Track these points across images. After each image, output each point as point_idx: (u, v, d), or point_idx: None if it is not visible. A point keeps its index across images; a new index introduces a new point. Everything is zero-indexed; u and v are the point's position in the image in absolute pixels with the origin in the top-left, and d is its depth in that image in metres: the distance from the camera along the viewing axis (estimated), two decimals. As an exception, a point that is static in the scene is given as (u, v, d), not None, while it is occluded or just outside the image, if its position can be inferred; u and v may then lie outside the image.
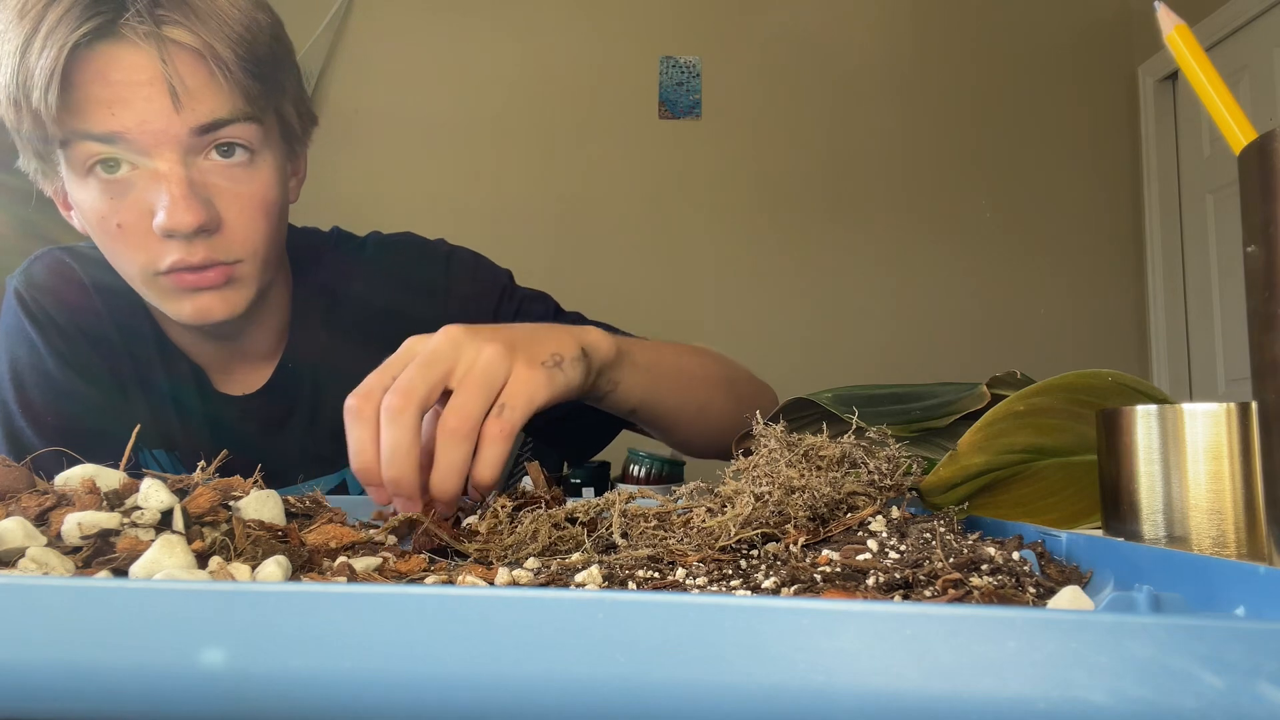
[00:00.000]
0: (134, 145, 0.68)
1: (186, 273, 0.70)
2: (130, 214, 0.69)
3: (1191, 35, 0.40)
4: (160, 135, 0.67)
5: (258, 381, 0.84)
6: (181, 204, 0.67)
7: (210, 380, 0.83)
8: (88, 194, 0.70)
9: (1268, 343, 0.35)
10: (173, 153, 0.68)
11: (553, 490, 0.51)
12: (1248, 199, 0.36)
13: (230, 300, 0.73)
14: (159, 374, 0.81)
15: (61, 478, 0.39)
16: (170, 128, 0.68)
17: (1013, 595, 0.32)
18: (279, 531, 0.38)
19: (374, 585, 0.23)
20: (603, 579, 0.35)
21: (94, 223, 0.71)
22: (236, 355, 0.83)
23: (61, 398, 0.78)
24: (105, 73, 0.67)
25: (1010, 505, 0.54)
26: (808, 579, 0.33)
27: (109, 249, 0.72)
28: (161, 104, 0.67)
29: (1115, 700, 0.20)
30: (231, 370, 0.83)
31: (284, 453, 0.83)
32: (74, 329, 0.79)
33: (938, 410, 0.62)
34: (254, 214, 0.72)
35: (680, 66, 3.29)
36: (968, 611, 0.21)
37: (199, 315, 0.72)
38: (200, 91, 0.68)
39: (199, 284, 0.71)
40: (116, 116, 0.67)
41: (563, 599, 0.22)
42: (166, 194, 0.67)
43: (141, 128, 0.67)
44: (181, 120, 0.68)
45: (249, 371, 0.84)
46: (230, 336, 0.81)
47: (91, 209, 0.70)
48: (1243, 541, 0.44)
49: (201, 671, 0.22)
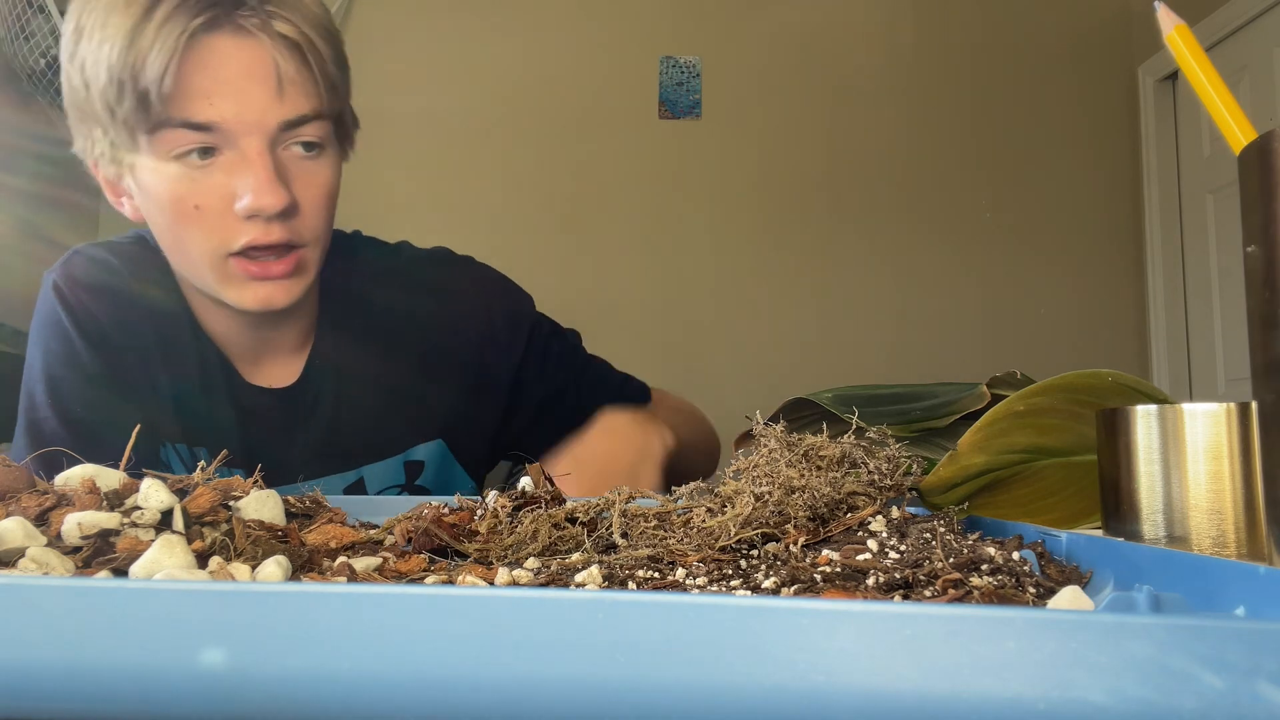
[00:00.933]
0: (226, 133, 0.71)
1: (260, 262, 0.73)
2: (211, 197, 0.72)
3: (1191, 35, 0.40)
4: (253, 125, 0.71)
5: (287, 376, 0.85)
6: (268, 187, 0.71)
7: (239, 374, 0.84)
8: (164, 177, 0.72)
9: (1268, 343, 0.35)
10: (260, 140, 0.71)
11: (553, 490, 0.51)
12: (1248, 199, 0.36)
13: (291, 289, 0.76)
14: (191, 367, 0.82)
15: (61, 478, 0.39)
16: (263, 119, 0.71)
17: (1013, 595, 0.32)
18: (279, 531, 0.38)
19: (374, 585, 0.23)
20: (603, 579, 0.35)
21: (168, 205, 0.73)
22: (268, 347, 0.84)
23: (92, 390, 0.79)
24: (210, 63, 0.70)
25: (1010, 505, 0.54)
26: (808, 579, 0.33)
27: (178, 232, 0.74)
28: (260, 96, 0.71)
29: (1115, 700, 0.20)
30: (261, 363, 0.85)
31: (305, 448, 0.85)
32: (111, 322, 0.81)
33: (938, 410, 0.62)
34: (321, 204, 0.76)
35: (680, 66, 3.29)
36: (968, 611, 0.21)
37: (262, 302, 0.75)
38: (294, 86, 0.72)
39: (266, 274, 0.74)
40: (215, 106, 0.70)
41: (563, 599, 0.22)
42: (253, 177, 0.71)
43: (238, 118, 0.70)
44: (274, 112, 0.71)
45: (277, 365, 0.85)
46: (272, 326, 0.82)
47: (167, 191, 0.72)
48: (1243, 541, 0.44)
49: (201, 671, 0.22)
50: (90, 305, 0.80)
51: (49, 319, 0.81)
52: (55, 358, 0.80)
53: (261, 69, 0.71)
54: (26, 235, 2.71)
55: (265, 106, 0.71)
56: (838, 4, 3.31)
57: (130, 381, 0.80)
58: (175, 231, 0.74)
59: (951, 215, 3.27)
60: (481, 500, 0.47)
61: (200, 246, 0.74)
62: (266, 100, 0.71)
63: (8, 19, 2.51)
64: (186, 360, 0.82)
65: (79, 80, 0.72)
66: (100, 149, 0.74)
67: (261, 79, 0.71)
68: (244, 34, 0.71)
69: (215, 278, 0.75)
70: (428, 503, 0.45)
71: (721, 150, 3.27)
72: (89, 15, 0.71)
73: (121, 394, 0.80)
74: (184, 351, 0.82)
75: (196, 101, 0.70)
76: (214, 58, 0.70)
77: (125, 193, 0.78)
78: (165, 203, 0.73)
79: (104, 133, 0.73)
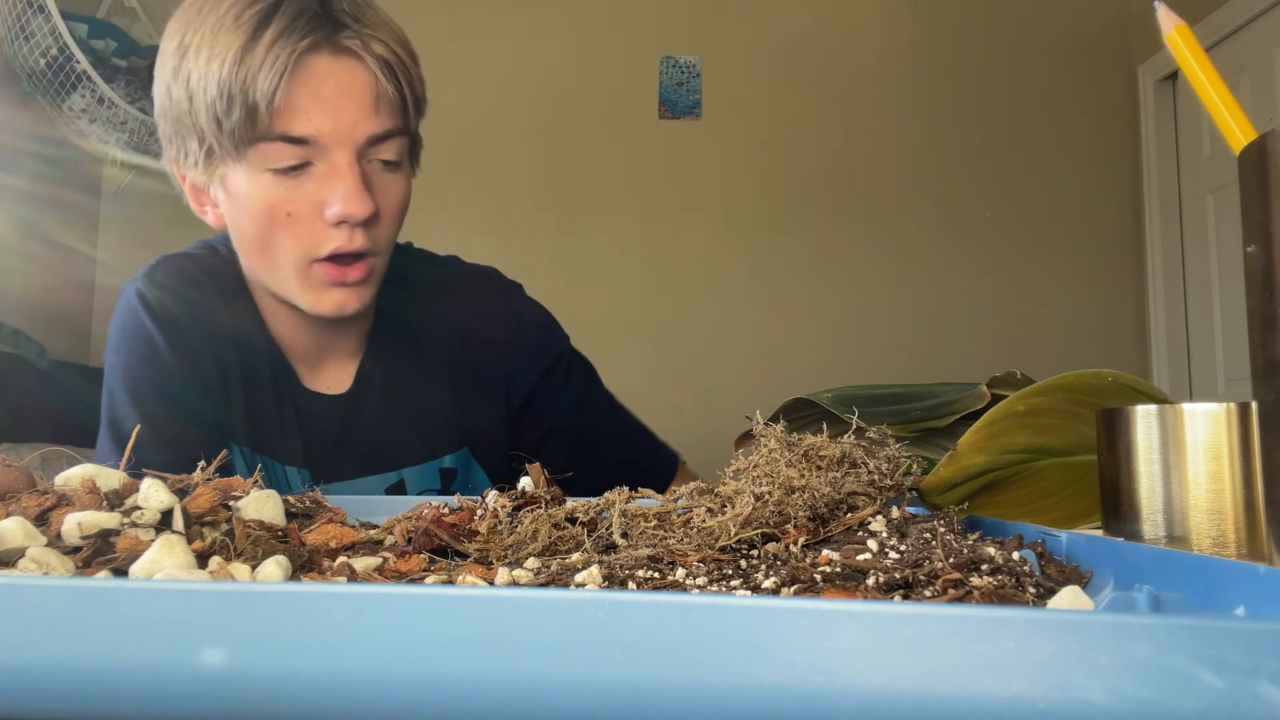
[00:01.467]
0: (320, 147, 0.75)
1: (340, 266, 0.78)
2: (302, 205, 0.76)
3: (1191, 35, 0.40)
4: (344, 138, 0.76)
5: (342, 383, 0.89)
6: (359, 196, 0.75)
7: (300, 380, 0.88)
8: (258, 186, 0.76)
9: (1268, 343, 0.35)
10: (350, 152, 0.76)
11: (553, 490, 0.51)
12: (1248, 199, 0.36)
13: (363, 295, 0.81)
14: (263, 373, 0.86)
15: (61, 478, 0.39)
16: (354, 133, 0.76)
17: (1013, 595, 0.32)
18: (279, 531, 0.38)
19: (374, 585, 0.23)
20: (603, 579, 0.35)
21: (261, 213, 0.77)
22: (327, 354, 0.89)
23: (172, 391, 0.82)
24: (309, 81, 0.74)
25: (1010, 505, 0.54)
26: (808, 579, 0.33)
27: (269, 238, 0.78)
28: (352, 112, 0.76)
29: (1115, 700, 0.20)
30: (319, 370, 0.89)
31: (354, 451, 0.88)
32: (193, 328, 0.84)
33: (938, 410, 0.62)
34: (394, 216, 0.81)
35: (680, 66, 3.29)
36: (968, 611, 0.21)
37: (337, 308, 0.80)
38: (385, 103, 0.78)
39: (344, 278, 0.78)
40: (313, 122, 0.75)
41: (563, 599, 0.22)
42: (344, 186, 0.75)
43: (332, 132, 0.75)
44: (364, 127, 0.76)
45: (334, 372, 0.90)
46: (334, 333, 0.87)
47: (261, 200, 0.76)
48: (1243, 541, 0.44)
49: (201, 671, 0.22)
50: (174, 311, 0.84)
51: (132, 324, 0.84)
52: (138, 359, 0.83)
53: (356, 86, 0.76)
54: (26, 235, 2.71)
55: (357, 121, 0.76)
56: (838, 4, 3.31)
57: (208, 385, 0.84)
58: (266, 238, 0.78)
59: (951, 215, 3.27)
60: (481, 500, 0.47)
61: (289, 252, 0.78)
62: (358, 116, 0.76)
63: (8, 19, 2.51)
64: (259, 367, 0.86)
65: (182, 93, 0.76)
66: (194, 158, 0.78)
67: (356, 96, 0.76)
68: (343, 54, 0.76)
69: (298, 282, 0.79)
70: (428, 502, 0.45)
71: (721, 150, 3.27)
72: (195, 34, 0.75)
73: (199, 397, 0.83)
74: (257, 358, 0.86)
75: (296, 117, 0.74)
76: (313, 76, 0.75)
77: (210, 201, 0.82)
78: (259, 211, 0.77)
79: (200, 143, 0.77)
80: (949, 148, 3.28)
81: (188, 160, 0.79)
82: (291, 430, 0.86)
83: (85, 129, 2.71)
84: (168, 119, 0.79)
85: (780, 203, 3.26)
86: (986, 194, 3.28)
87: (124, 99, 2.66)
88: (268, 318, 0.87)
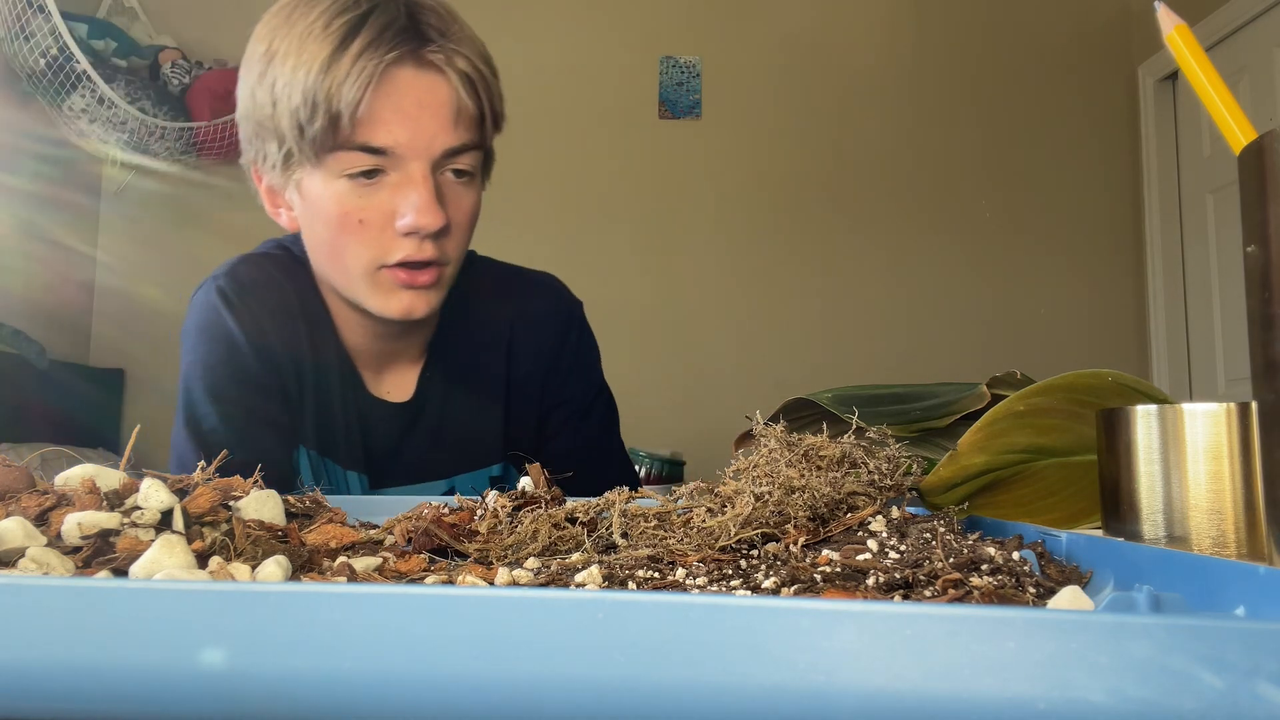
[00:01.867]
0: (396, 157, 0.76)
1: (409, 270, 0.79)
2: (375, 212, 0.77)
3: (1191, 35, 0.40)
4: (421, 150, 0.77)
5: (405, 389, 0.91)
6: (431, 209, 0.76)
7: (366, 386, 0.89)
8: (333, 192, 0.77)
9: (1268, 343, 0.35)
10: (425, 164, 0.77)
11: (553, 490, 0.51)
12: (1248, 199, 0.36)
13: (431, 300, 0.81)
14: (333, 376, 0.87)
15: (61, 478, 0.39)
16: (431, 146, 0.77)
17: (1013, 595, 0.32)
18: (279, 531, 0.38)
19: (374, 585, 0.23)
20: (603, 579, 0.35)
21: (334, 218, 0.78)
22: (392, 360, 0.90)
23: (248, 390, 0.83)
24: (391, 93, 0.75)
25: (1010, 505, 0.54)
26: (808, 579, 0.33)
27: (340, 243, 0.79)
28: (431, 125, 0.77)
29: (1115, 700, 0.20)
30: (383, 376, 0.91)
31: (411, 458, 0.90)
32: (272, 329, 0.85)
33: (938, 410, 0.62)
34: (465, 227, 0.82)
35: (680, 66, 3.29)
36: (968, 611, 0.21)
37: (406, 311, 0.80)
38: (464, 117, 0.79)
39: (413, 282, 0.79)
40: (392, 133, 0.76)
41: (563, 599, 0.22)
42: (418, 198, 0.76)
43: (410, 144, 0.76)
44: (441, 140, 0.77)
45: (397, 379, 0.91)
46: (399, 338, 0.88)
47: (335, 205, 0.78)
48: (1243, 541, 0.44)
49: (201, 671, 0.22)
50: (256, 310, 0.85)
51: (213, 323, 0.85)
52: (218, 359, 0.84)
53: (437, 100, 0.77)
54: (26, 235, 2.71)
55: (434, 134, 0.77)
56: (838, 4, 3.31)
57: (284, 388, 0.85)
58: (337, 242, 0.79)
59: (951, 215, 3.27)
60: (481, 500, 0.47)
61: (359, 258, 0.79)
62: (436, 129, 0.77)
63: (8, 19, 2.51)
64: (329, 371, 0.87)
65: (266, 98, 0.77)
66: (273, 161, 0.80)
67: (435, 110, 0.77)
68: (426, 67, 0.77)
69: (366, 286, 0.80)
70: (428, 502, 0.45)
71: (721, 150, 3.27)
72: (282, 40, 0.76)
73: (275, 399, 0.84)
74: (328, 362, 0.87)
75: (376, 128, 0.75)
76: (395, 88, 0.76)
77: (285, 204, 0.84)
78: (331, 216, 0.78)
79: (279, 146, 0.78)
80: (949, 147, 3.28)
81: (266, 163, 0.81)
82: (355, 435, 0.87)
83: (85, 129, 2.71)
84: (250, 121, 0.80)
85: (780, 203, 3.26)
86: (986, 194, 3.28)
87: (124, 99, 2.66)
88: (337, 321, 0.88)
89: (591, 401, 0.97)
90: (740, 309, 3.22)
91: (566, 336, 0.96)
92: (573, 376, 0.96)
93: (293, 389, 0.85)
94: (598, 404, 0.98)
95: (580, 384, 0.96)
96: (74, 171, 2.90)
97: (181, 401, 0.84)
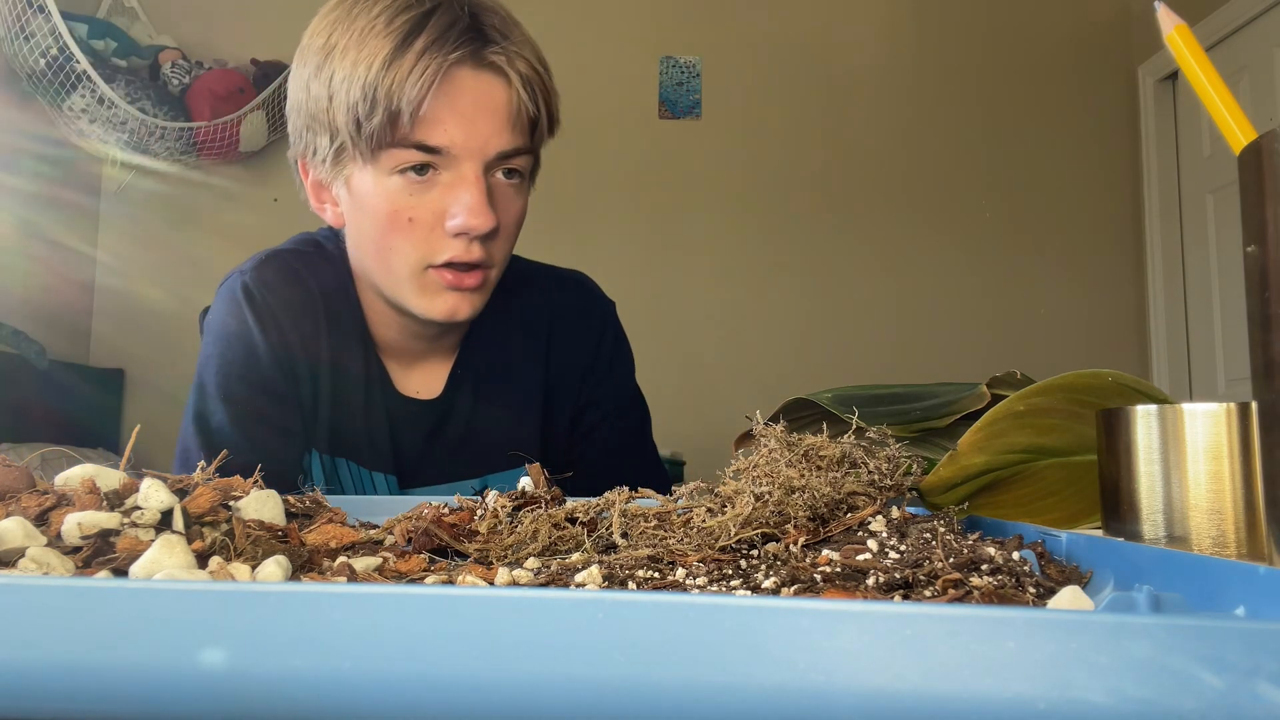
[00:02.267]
0: (451, 157, 0.76)
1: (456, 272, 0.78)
2: (425, 211, 0.77)
3: (1191, 35, 0.40)
4: (475, 151, 0.76)
5: (433, 388, 0.90)
6: (482, 210, 0.76)
7: (393, 383, 0.89)
8: (384, 189, 0.77)
9: (1268, 343, 0.35)
10: (478, 166, 0.76)
11: (553, 490, 0.51)
12: (1248, 199, 0.36)
13: (475, 303, 0.81)
14: (356, 375, 0.86)
15: (61, 478, 0.39)
16: (485, 148, 0.76)
17: (1013, 595, 0.32)
18: (279, 531, 0.38)
19: (374, 585, 0.23)
20: (603, 579, 0.35)
21: (384, 215, 0.77)
22: (424, 357, 0.89)
23: (262, 392, 0.83)
24: (450, 93, 0.75)
25: (1010, 505, 0.54)
26: (808, 579, 0.33)
27: (388, 241, 0.78)
28: (486, 126, 0.76)
29: (1115, 700, 0.20)
30: (412, 373, 0.90)
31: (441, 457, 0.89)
32: (293, 331, 0.84)
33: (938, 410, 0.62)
34: (513, 230, 0.82)
35: (680, 66, 3.29)
36: (968, 611, 0.21)
37: (450, 313, 0.79)
38: (517, 119, 0.78)
39: (460, 284, 0.78)
40: (448, 133, 0.75)
41: (563, 599, 0.22)
42: (470, 198, 0.75)
43: (465, 145, 0.76)
44: (496, 142, 0.77)
45: (427, 375, 0.90)
46: (435, 337, 0.87)
47: (385, 203, 0.77)
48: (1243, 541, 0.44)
49: (201, 671, 0.22)
50: (277, 311, 0.84)
51: (234, 320, 0.84)
52: (235, 357, 0.83)
53: (495, 102, 0.77)
54: (26, 235, 2.71)
55: (489, 136, 0.76)
56: (838, 4, 3.31)
57: (300, 391, 0.84)
58: (385, 240, 0.79)
59: (951, 215, 3.27)
60: (481, 500, 0.47)
61: (406, 257, 0.78)
62: (491, 130, 0.76)
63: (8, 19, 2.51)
64: (353, 370, 0.86)
65: (322, 91, 0.76)
66: (323, 155, 0.79)
67: (493, 111, 0.76)
68: (486, 68, 0.76)
69: (412, 286, 0.79)
70: (427, 502, 0.45)
71: (721, 150, 3.27)
72: (343, 34, 0.76)
73: (289, 403, 0.83)
74: (352, 361, 0.86)
75: (433, 127, 0.75)
76: (454, 89, 0.75)
77: (331, 200, 0.83)
78: (380, 213, 0.77)
79: (332, 140, 0.77)
80: (949, 147, 3.28)
81: (315, 157, 0.80)
82: (381, 435, 0.87)
83: (85, 129, 2.71)
84: (302, 114, 0.80)
85: (779, 203, 3.26)
86: (987, 194, 3.28)
87: (124, 99, 2.66)
88: (370, 317, 0.87)
89: (628, 402, 0.97)
90: (740, 309, 3.22)
91: (604, 335, 0.96)
92: (609, 377, 0.95)
93: (307, 392, 0.84)
94: (634, 405, 0.97)
95: (616, 384, 0.96)
96: (74, 171, 2.90)
97: (194, 396, 0.83)
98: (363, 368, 0.86)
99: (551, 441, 0.93)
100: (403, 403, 0.88)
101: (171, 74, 2.89)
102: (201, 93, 2.88)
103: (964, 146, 3.29)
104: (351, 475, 0.86)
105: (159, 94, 2.81)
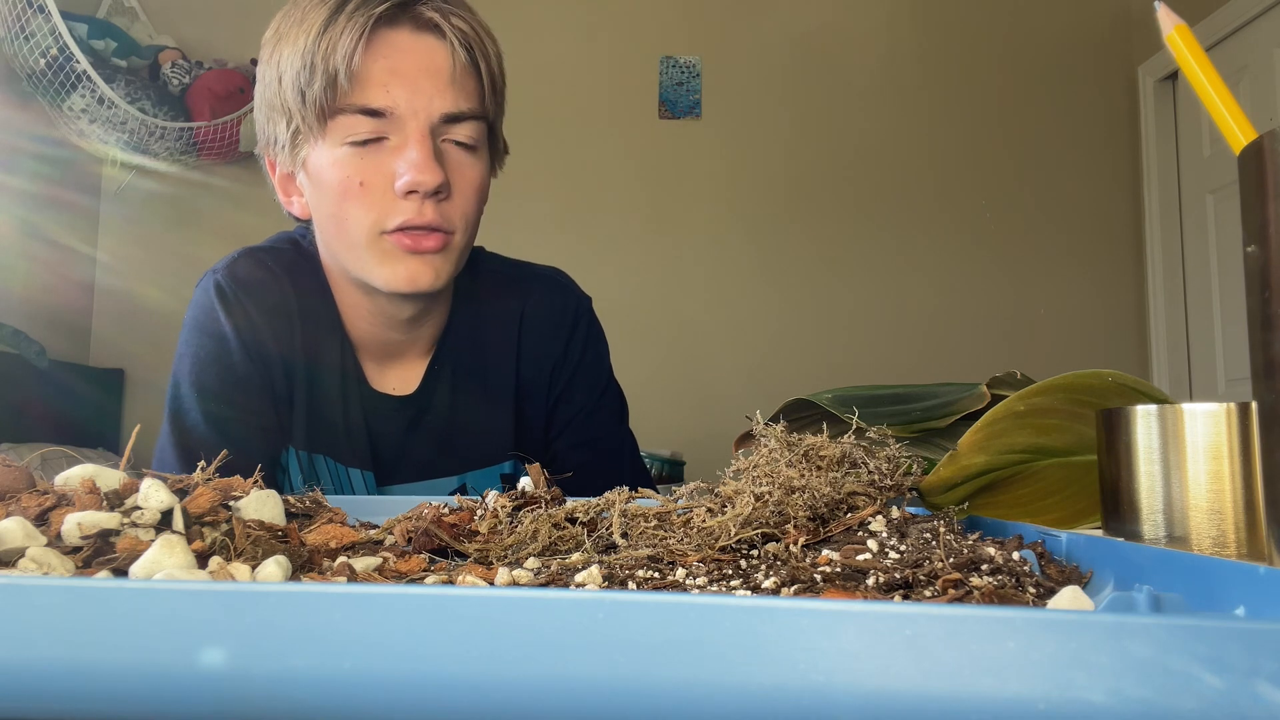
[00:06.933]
0: (396, 120, 0.76)
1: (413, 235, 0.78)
2: (374, 175, 0.77)
3: (1191, 35, 0.40)
4: (419, 111, 0.77)
5: (410, 383, 0.90)
6: (428, 165, 0.76)
7: (368, 380, 0.89)
8: (334, 160, 0.78)
9: (1268, 343, 0.35)
10: (424, 124, 0.77)
11: (553, 490, 0.51)
12: (1248, 199, 0.36)
13: (438, 269, 0.80)
14: (332, 372, 0.87)
15: (61, 478, 0.39)
16: (429, 108, 0.77)
17: (1013, 595, 0.32)
18: (279, 531, 0.38)
19: (374, 585, 0.23)
20: (603, 579, 0.35)
21: (335, 185, 0.78)
22: (399, 352, 0.89)
23: (236, 391, 0.83)
24: (389, 55, 0.76)
25: (1010, 505, 0.54)
26: (808, 579, 0.33)
27: (343, 210, 0.78)
28: (429, 86, 0.77)
29: (1115, 700, 0.20)
30: (388, 370, 0.90)
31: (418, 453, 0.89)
32: (266, 329, 0.84)
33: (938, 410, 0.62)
34: (471, 195, 0.81)
35: (680, 66, 3.29)
36: (968, 611, 0.21)
37: (410, 281, 0.79)
38: (462, 81, 0.78)
39: (417, 247, 0.78)
40: (390, 94, 0.76)
41: (563, 599, 0.22)
42: (414, 154, 0.76)
43: (408, 104, 0.76)
44: (440, 103, 0.77)
45: (403, 372, 0.90)
46: (408, 330, 0.87)
47: (337, 171, 0.78)
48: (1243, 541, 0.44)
49: (201, 671, 0.22)
50: (250, 310, 0.84)
51: (207, 319, 0.85)
52: (208, 355, 0.83)
53: (435, 63, 0.77)
54: (26, 235, 2.71)
55: (432, 95, 0.77)
56: (838, 4, 3.31)
57: (274, 388, 0.84)
58: (340, 211, 0.79)
59: (951, 215, 3.27)
60: (481, 500, 0.47)
61: (360, 222, 0.78)
62: (434, 90, 0.77)
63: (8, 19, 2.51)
64: (329, 366, 0.86)
65: (273, 75, 0.78)
66: (282, 142, 0.80)
67: (433, 71, 0.77)
68: (424, 29, 0.78)
69: (371, 255, 0.79)
70: (428, 502, 0.45)
71: (721, 150, 3.27)
72: (287, 20, 0.78)
73: (263, 399, 0.83)
74: (328, 357, 0.86)
75: (374, 89, 0.76)
76: (393, 50, 0.76)
77: (296, 190, 0.84)
78: (334, 183, 0.78)
79: (288, 124, 0.78)
80: (949, 147, 3.28)
81: (276, 145, 0.81)
82: (358, 431, 0.87)
83: (85, 129, 2.71)
84: (263, 107, 0.81)
85: (779, 203, 3.26)
86: (986, 194, 3.28)
87: (124, 99, 2.66)
88: (345, 312, 0.87)
89: (600, 395, 0.97)
90: (740, 309, 3.22)
91: (575, 331, 0.96)
92: (581, 371, 0.95)
93: (282, 389, 0.84)
94: (607, 397, 0.97)
95: (589, 378, 0.96)
96: (74, 171, 2.90)
97: (169, 395, 0.84)
98: (338, 364, 0.87)
99: (527, 436, 0.93)
100: (379, 399, 0.88)
101: (171, 74, 2.89)
102: (201, 93, 2.88)
103: (963, 146, 3.29)
104: (329, 471, 0.86)
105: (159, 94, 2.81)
